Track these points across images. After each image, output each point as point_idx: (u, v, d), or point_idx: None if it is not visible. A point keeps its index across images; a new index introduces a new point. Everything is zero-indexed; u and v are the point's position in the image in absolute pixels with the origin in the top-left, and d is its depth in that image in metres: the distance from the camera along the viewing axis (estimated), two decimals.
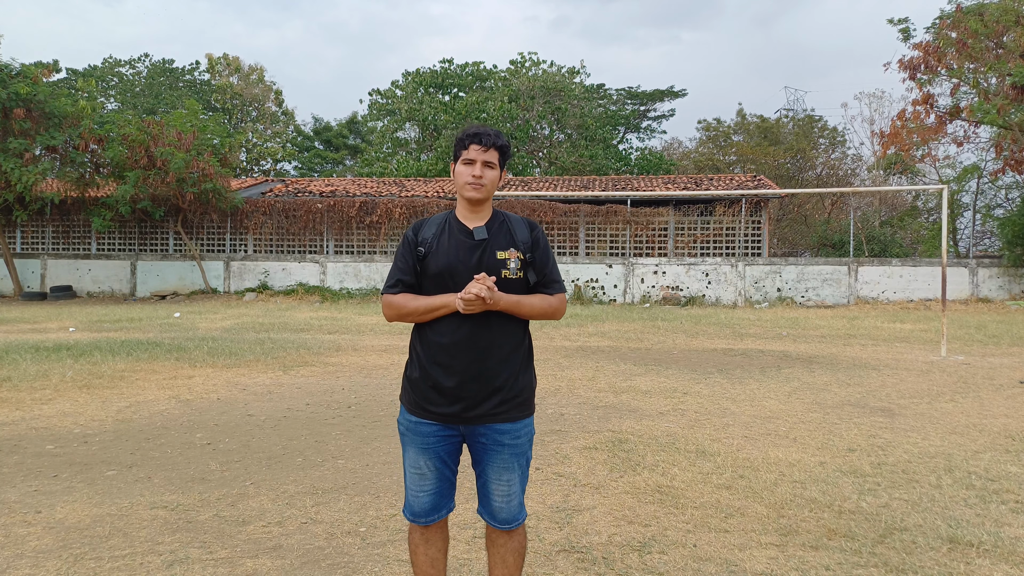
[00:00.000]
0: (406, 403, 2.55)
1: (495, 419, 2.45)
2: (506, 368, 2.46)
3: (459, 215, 2.54)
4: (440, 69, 37.40)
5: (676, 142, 43.91)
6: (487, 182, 2.46)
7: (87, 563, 3.32)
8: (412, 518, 2.58)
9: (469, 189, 2.45)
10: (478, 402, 2.43)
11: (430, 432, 2.49)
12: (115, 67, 43.64)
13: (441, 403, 2.45)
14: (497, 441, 2.47)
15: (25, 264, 24.21)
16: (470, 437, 2.51)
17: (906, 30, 24.54)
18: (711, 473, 4.67)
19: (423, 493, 2.53)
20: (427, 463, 2.50)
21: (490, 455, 2.49)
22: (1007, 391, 7.71)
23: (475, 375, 2.41)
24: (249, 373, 8.57)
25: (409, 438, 2.53)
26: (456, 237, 2.49)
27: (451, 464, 2.55)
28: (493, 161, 2.47)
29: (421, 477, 2.52)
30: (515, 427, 2.49)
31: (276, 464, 4.91)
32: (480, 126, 2.50)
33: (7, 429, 5.82)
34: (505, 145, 2.51)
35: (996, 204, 28.13)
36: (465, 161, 2.46)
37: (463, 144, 2.47)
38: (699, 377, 8.47)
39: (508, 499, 2.52)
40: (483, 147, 2.44)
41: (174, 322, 15.22)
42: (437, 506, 2.56)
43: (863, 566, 3.29)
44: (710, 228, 22.52)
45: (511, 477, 2.51)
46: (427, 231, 2.53)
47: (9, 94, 19.74)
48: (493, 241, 2.48)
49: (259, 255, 23.81)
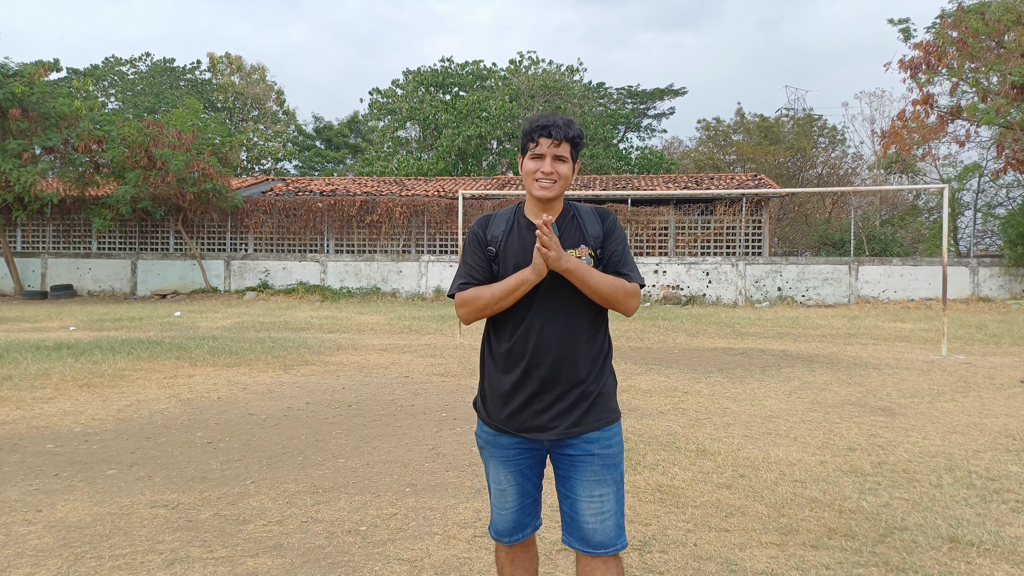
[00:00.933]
0: (482, 415, 2.36)
1: (580, 428, 2.22)
2: (586, 370, 2.23)
3: (527, 212, 2.32)
4: (440, 68, 37.41)
5: (676, 141, 43.91)
6: (559, 178, 2.22)
7: (87, 562, 3.32)
8: (496, 537, 2.37)
9: (539, 188, 2.22)
10: (560, 411, 2.22)
11: (510, 444, 2.28)
12: (116, 66, 43.64)
13: (518, 414, 2.24)
14: (586, 451, 2.22)
15: (26, 263, 24.22)
16: (554, 451, 2.27)
17: (906, 30, 24.54)
18: (711, 472, 4.67)
19: (505, 510, 2.33)
20: (507, 477, 2.30)
21: (579, 468, 2.22)
22: (1008, 390, 7.71)
23: (552, 380, 2.21)
24: (250, 372, 8.58)
25: (488, 451, 2.34)
26: (525, 236, 2.26)
27: (533, 479, 2.33)
28: (565, 155, 2.23)
29: (502, 493, 2.32)
30: (604, 435, 2.24)
31: (276, 463, 4.91)
32: (549, 116, 2.25)
33: (8, 428, 5.82)
34: (577, 135, 2.25)
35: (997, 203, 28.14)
36: (534, 156, 2.23)
37: (531, 137, 2.24)
38: (699, 376, 8.47)
39: (602, 518, 2.21)
40: (555, 140, 2.20)
41: (175, 321, 15.23)
42: (520, 524, 2.34)
43: (863, 565, 3.29)
44: (711, 227, 22.51)
45: (604, 492, 2.22)
46: (495, 228, 2.32)
47: (5, 94, 19.74)
48: (563, 238, 2.25)
49: (259, 254, 23.81)
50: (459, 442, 5.45)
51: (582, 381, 2.23)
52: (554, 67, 35.91)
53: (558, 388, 2.21)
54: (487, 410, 2.33)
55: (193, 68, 44.90)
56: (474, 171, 34.96)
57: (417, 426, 5.98)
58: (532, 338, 2.21)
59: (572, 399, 2.22)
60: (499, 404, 2.28)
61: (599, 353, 2.28)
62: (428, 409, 6.63)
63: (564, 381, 2.21)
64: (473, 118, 32.85)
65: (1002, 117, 20.63)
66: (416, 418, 6.27)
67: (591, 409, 2.23)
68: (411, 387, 7.74)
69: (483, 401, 2.36)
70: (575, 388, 2.22)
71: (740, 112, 40.14)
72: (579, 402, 2.22)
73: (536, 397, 2.22)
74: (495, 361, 2.30)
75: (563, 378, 2.21)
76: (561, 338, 2.21)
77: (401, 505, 4.08)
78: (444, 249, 23.50)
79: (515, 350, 2.23)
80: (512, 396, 2.24)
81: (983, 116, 21.02)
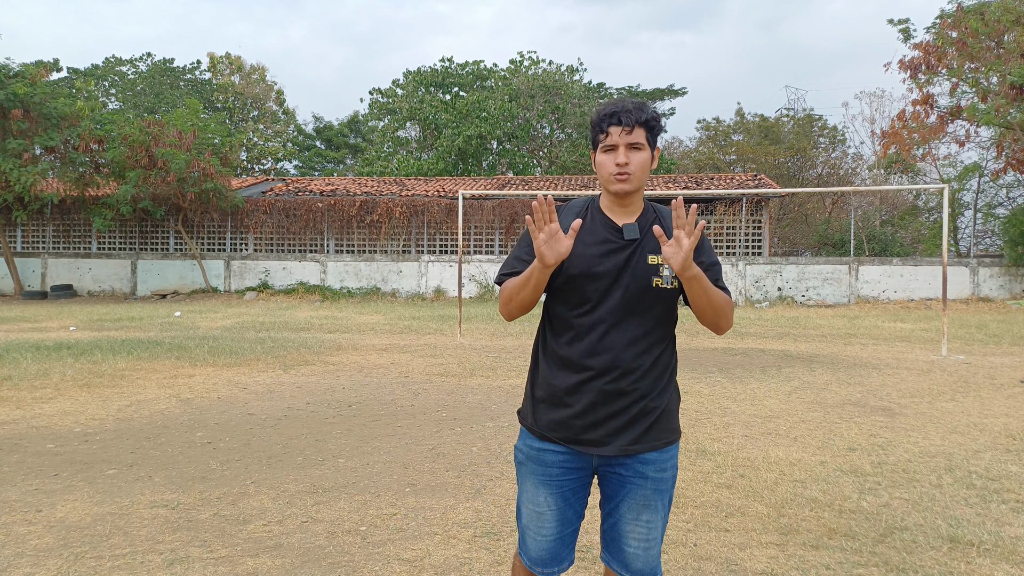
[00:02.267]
0: (528, 425, 2.13)
1: (638, 446, 2.03)
2: (651, 384, 2.04)
3: (603, 207, 2.09)
4: (441, 68, 37.42)
5: (676, 141, 43.87)
6: (635, 169, 1.99)
7: (87, 562, 3.32)
8: (531, 565, 2.14)
9: (615, 181, 1.99)
10: (617, 427, 2.02)
11: (555, 462, 2.07)
12: (116, 66, 43.65)
13: (571, 421, 2.04)
14: (639, 473, 2.04)
15: (26, 263, 24.22)
16: (603, 468, 2.08)
17: (906, 30, 24.55)
18: (711, 472, 4.67)
19: (542, 537, 2.10)
20: (548, 499, 2.08)
21: (628, 490, 2.05)
22: (1008, 390, 7.71)
23: (614, 392, 2.00)
24: (249, 372, 8.58)
25: (528, 468, 2.11)
26: (602, 234, 2.04)
27: (576, 505, 2.11)
28: (640, 142, 1.98)
29: (539, 516, 2.09)
30: (661, 456, 2.06)
31: (276, 463, 4.91)
32: (617, 102, 2.01)
33: (8, 428, 5.82)
34: (652, 118, 2.00)
35: (997, 203, 28.13)
36: (606, 148, 2.00)
37: (600, 128, 2.01)
38: (699, 376, 8.47)
39: (647, 545, 2.06)
40: (625, 127, 1.97)
41: (175, 321, 15.23)
42: (558, 556, 2.12)
43: (863, 565, 3.29)
44: (711, 227, 22.51)
45: (652, 518, 2.05)
46: (566, 221, 2.06)
47: (7, 95, 19.74)
48: (645, 242, 2.02)
49: (260, 254, 23.81)
50: (459, 442, 5.45)
51: (645, 395, 2.03)
52: (554, 67, 35.93)
53: (620, 401, 2.01)
54: (534, 415, 2.11)
55: (193, 68, 44.92)
56: (474, 171, 34.97)
57: (417, 426, 5.98)
58: (596, 343, 2.01)
59: (633, 414, 2.02)
60: (550, 408, 2.07)
61: (666, 367, 2.09)
62: (428, 409, 6.63)
63: (627, 394, 2.01)
64: (473, 118, 32.86)
65: (1002, 117, 20.64)
66: (416, 418, 6.27)
67: (652, 427, 2.04)
68: (411, 387, 7.74)
69: (531, 406, 2.14)
70: (638, 402, 2.02)
71: (740, 112, 40.18)
72: (640, 418, 2.03)
73: (593, 408, 2.01)
74: (550, 362, 2.09)
75: (626, 390, 2.01)
76: (629, 347, 2.01)
77: (401, 505, 4.08)
78: (444, 249, 23.50)
79: (576, 353, 2.03)
80: (566, 402, 2.04)
81: (983, 116, 21.03)
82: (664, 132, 2.12)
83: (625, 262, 2.01)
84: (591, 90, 38.52)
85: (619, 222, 2.06)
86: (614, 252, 2.02)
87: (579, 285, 2.02)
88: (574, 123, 34.98)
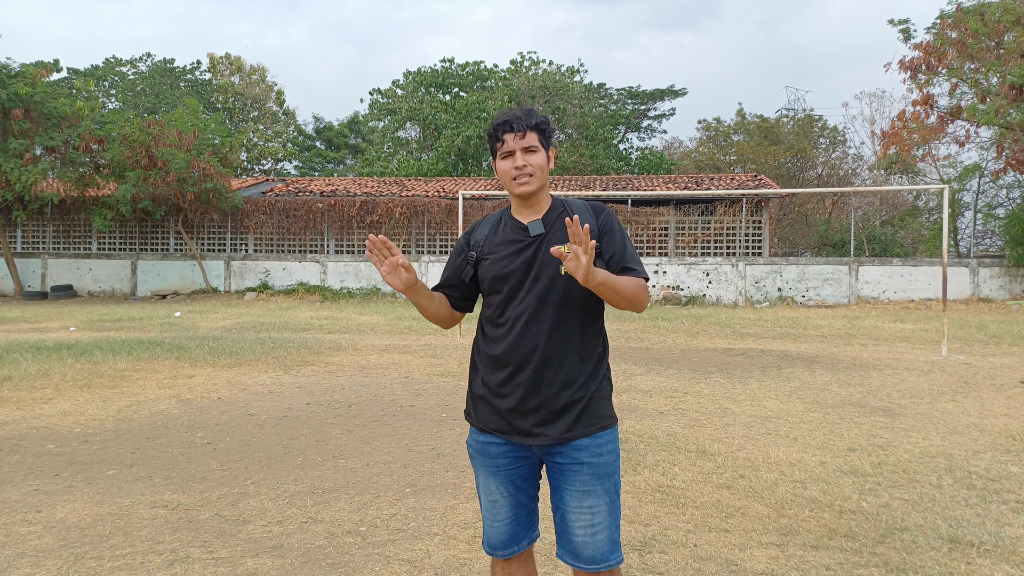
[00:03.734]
0: (471, 419, 2.27)
1: (570, 434, 2.11)
2: (576, 372, 2.12)
3: (513, 212, 2.25)
4: (441, 68, 37.43)
5: (676, 142, 43.93)
6: (534, 170, 2.13)
7: (87, 562, 3.32)
8: (490, 551, 2.25)
9: (517, 185, 2.14)
10: (546, 416, 2.11)
11: (499, 452, 2.18)
12: (116, 66, 43.66)
13: (507, 420, 2.15)
14: (575, 459, 2.11)
15: (26, 263, 24.22)
16: (546, 459, 2.18)
17: (906, 30, 24.55)
18: (711, 473, 4.67)
19: (498, 523, 2.21)
20: (499, 488, 2.19)
21: (568, 477, 2.12)
22: (1008, 391, 7.71)
23: (539, 383, 2.10)
24: (249, 372, 8.58)
25: (479, 460, 2.23)
26: (510, 236, 2.19)
27: (527, 489, 2.22)
28: (534, 145, 2.13)
29: (494, 504, 2.21)
30: (595, 442, 2.13)
31: (276, 463, 4.91)
32: (508, 111, 2.17)
33: (8, 428, 5.82)
34: (542, 122, 2.16)
35: (997, 204, 28.12)
36: (504, 155, 2.15)
37: (496, 137, 2.16)
38: (700, 377, 8.47)
39: (593, 531, 2.10)
40: (518, 133, 2.12)
41: (175, 321, 15.23)
42: (515, 536, 2.22)
43: (864, 566, 3.29)
44: (711, 228, 22.51)
45: (595, 503, 2.11)
46: (480, 232, 2.26)
47: (8, 95, 19.75)
48: (552, 235, 2.15)
49: (260, 254, 23.82)
50: (459, 442, 5.45)
51: (570, 384, 2.11)
52: (554, 68, 35.95)
53: (545, 392, 2.10)
54: (475, 412, 2.24)
55: (193, 68, 44.91)
56: (474, 171, 34.98)
57: (417, 426, 5.98)
58: (517, 337, 2.11)
59: (560, 404, 2.10)
60: (487, 404, 2.18)
61: (591, 354, 2.16)
62: (428, 409, 6.63)
63: (551, 384, 2.10)
64: (473, 118, 32.86)
65: (1002, 118, 20.64)
66: (416, 418, 6.27)
67: (582, 415, 2.11)
68: (411, 387, 7.74)
69: (472, 403, 2.27)
70: (563, 392, 2.10)
71: (740, 112, 40.21)
72: (568, 407, 2.11)
73: (524, 400, 2.11)
74: (483, 361, 2.21)
75: (550, 381, 2.10)
76: (548, 338, 2.10)
77: (401, 506, 4.08)
78: (444, 249, 23.51)
79: (500, 350, 2.13)
80: (500, 394, 2.14)
81: (983, 116, 21.03)
82: (555, 134, 2.23)
83: (533, 256, 2.14)
84: (591, 91, 38.54)
85: (525, 222, 2.20)
86: (523, 250, 2.15)
87: (496, 287, 2.17)
88: (574, 124, 34.99)
